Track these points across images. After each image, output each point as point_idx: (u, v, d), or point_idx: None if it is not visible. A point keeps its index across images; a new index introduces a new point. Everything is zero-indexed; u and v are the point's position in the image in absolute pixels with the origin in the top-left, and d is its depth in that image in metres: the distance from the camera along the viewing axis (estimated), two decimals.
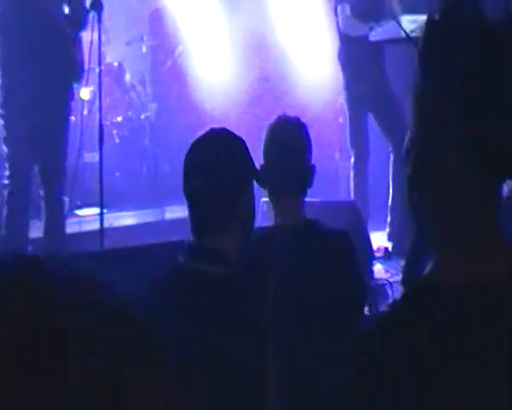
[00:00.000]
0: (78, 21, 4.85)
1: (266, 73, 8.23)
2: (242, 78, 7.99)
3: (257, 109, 7.85)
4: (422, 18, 4.25)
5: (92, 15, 4.92)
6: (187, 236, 6.38)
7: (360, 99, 6.10)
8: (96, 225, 4.82)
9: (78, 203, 6.02)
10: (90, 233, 5.30)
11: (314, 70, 8.01)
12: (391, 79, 6.23)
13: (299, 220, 2.65)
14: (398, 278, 4.90)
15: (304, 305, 2.53)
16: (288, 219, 2.65)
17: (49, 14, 4.83)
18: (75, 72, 4.89)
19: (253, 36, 8.14)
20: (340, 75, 6.25)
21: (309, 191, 4.74)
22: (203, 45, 8.25)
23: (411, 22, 5.39)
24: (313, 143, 6.64)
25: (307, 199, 5.12)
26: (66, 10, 4.88)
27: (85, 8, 4.85)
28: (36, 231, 5.12)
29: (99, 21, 4.85)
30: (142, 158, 7.39)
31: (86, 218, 6.07)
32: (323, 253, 2.67)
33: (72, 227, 5.47)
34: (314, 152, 7.35)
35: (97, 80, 5.15)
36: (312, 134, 7.42)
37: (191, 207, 2.31)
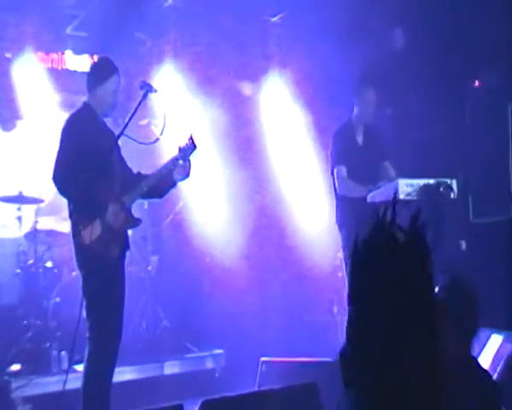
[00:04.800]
0: None
1: (263, 225, 8.83)
2: (241, 230, 8.65)
3: (255, 261, 8.48)
4: (418, 182, 5.28)
5: None
6: (184, 391, 6.85)
7: None
8: None
9: (78, 358, 6.05)
10: None
11: (312, 225, 8.62)
12: None
13: None
14: None
15: None
16: None
17: None
18: None
19: (254, 193, 8.92)
20: (338, 233, 6.61)
21: (310, 346, 5.44)
22: (203, 200, 8.96)
23: (408, 185, 5.85)
24: (312, 295, 7.74)
25: (302, 359, 5.78)
26: None
27: None
28: None
29: None
30: (141, 314, 7.77)
31: None
32: None
33: (71, 383, 5.56)
34: (312, 305, 8.36)
35: None
36: (311, 286, 8.40)
37: None
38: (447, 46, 7.32)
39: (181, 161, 5.62)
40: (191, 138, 5.63)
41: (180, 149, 5.60)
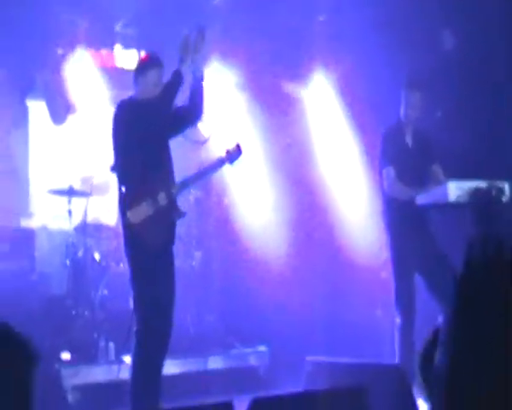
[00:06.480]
0: None
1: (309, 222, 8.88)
2: (286, 226, 8.72)
3: (300, 258, 8.54)
4: (468, 185, 5.30)
5: None
6: (227, 387, 6.88)
7: (407, 258, 6.39)
8: None
9: (126, 349, 6.15)
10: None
11: (357, 226, 8.57)
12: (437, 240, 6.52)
13: None
14: None
15: None
16: None
17: None
18: None
19: (301, 190, 8.91)
20: (385, 234, 6.66)
21: (351, 350, 5.40)
22: (248, 196, 9.01)
23: (457, 189, 5.84)
24: (357, 295, 7.75)
25: (349, 360, 5.73)
26: None
27: None
28: None
29: None
30: (185, 308, 7.64)
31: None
32: None
33: (120, 374, 6.03)
34: (354, 307, 8.44)
35: None
36: (356, 285, 8.41)
37: None
38: (496, 46, 7.19)
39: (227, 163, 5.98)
40: (238, 145, 5.95)
41: (227, 152, 5.90)
